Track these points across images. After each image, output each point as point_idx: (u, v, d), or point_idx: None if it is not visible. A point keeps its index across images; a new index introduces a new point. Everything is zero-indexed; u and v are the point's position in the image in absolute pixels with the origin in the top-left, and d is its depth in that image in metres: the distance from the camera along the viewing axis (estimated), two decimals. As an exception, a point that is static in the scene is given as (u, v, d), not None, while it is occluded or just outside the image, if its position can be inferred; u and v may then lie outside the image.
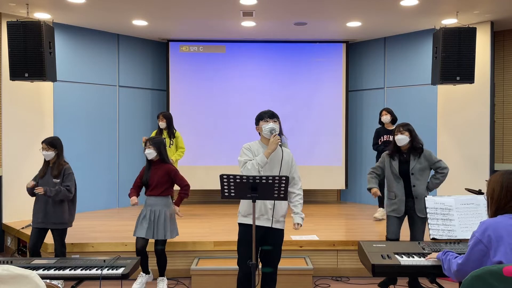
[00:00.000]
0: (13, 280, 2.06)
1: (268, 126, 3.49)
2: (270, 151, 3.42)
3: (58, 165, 4.44)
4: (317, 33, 7.25)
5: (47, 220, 4.40)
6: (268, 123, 3.51)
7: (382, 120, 6.27)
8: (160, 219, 4.38)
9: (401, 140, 4.21)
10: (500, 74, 6.86)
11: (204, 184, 7.58)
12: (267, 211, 3.47)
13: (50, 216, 4.39)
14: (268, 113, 3.59)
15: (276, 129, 3.49)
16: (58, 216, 4.40)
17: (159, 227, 4.37)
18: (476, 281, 2.16)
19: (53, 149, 4.43)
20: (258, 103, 7.20)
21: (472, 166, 6.57)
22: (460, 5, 5.74)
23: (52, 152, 4.43)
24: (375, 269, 2.86)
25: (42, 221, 4.41)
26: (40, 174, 4.48)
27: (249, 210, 3.44)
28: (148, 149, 4.42)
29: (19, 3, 5.64)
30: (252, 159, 3.45)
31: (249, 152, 3.53)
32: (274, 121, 3.54)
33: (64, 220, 4.43)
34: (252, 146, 3.58)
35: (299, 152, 7.41)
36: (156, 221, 4.37)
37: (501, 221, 2.36)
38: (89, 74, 7.06)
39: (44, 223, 4.41)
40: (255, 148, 3.55)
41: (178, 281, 4.84)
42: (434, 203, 3.34)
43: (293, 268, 4.60)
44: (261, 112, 3.63)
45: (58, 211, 4.40)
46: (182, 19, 6.49)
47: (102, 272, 2.98)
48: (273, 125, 3.50)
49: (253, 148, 3.55)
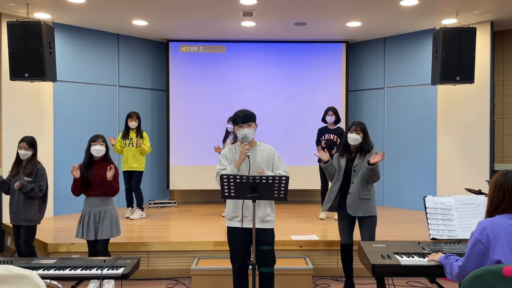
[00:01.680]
0: (13, 280, 2.06)
1: (242, 132, 3.44)
2: (239, 161, 3.40)
3: (32, 164, 4.45)
4: (317, 33, 7.25)
5: (17, 217, 4.46)
6: (241, 129, 3.44)
7: (327, 119, 6.21)
8: (105, 218, 4.28)
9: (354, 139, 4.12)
10: (500, 74, 6.86)
11: (204, 184, 7.58)
12: (249, 212, 3.41)
13: (20, 213, 4.44)
14: (242, 117, 3.46)
15: (249, 136, 3.42)
16: (28, 213, 4.43)
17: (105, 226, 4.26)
18: (476, 281, 2.16)
19: (32, 149, 4.48)
20: (258, 103, 7.20)
21: (472, 166, 6.57)
22: (460, 5, 5.74)
23: (30, 152, 4.46)
24: (375, 269, 2.86)
25: (14, 217, 4.49)
26: (13, 172, 4.50)
27: (233, 213, 3.48)
28: (100, 145, 4.30)
29: (19, 3, 5.64)
30: (226, 167, 3.45)
31: (224, 159, 3.53)
32: (249, 125, 3.44)
33: (33, 217, 4.47)
34: (228, 152, 3.56)
35: (299, 152, 7.43)
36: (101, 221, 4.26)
37: (498, 220, 2.37)
38: (89, 74, 7.06)
39: (15, 219, 4.48)
40: (231, 153, 3.54)
41: (178, 281, 4.83)
42: (434, 203, 3.34)
43: (293, 268, 4.59)
44: (236, 112, 3.51)
45: (28, 208, 4.43)
46: (182, 19, 6.49)
47: (102, 272, 2.98)
48: (246, 131, 3.43)
49: (229, 154, 3.54)
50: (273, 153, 3.54)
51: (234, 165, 3.40)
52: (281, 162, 3.55)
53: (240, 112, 3.50)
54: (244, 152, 3.35)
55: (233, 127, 3.58)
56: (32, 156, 4.49)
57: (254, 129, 3.49)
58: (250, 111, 3.52)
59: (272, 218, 3.54)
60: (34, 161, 4.49)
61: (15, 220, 4.50)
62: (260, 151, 3.54)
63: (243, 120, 3.44)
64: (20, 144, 4.46)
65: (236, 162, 3.41)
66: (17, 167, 4.50)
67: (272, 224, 3.54)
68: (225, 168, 3.46)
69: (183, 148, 7.68)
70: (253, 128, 3.48)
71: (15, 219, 4.49)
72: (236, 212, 3.46)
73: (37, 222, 4.52)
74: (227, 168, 3.42)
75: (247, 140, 3.41)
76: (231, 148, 3.58)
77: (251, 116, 3.48)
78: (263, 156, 3.51)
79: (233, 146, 3.59)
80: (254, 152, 3.50)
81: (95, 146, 4.29)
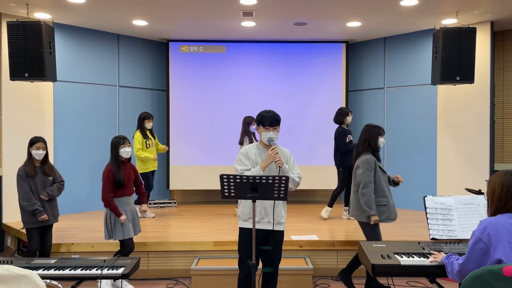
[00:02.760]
0: (13, 280, 2.06)
1: (268, 135, 3.42)
2: (266, 164, 3.38)
3: (49, 163, 4.56)
4: (317, 33, 7.25)
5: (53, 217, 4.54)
6: (267, 132, 3.43)
7: (347, 120, 6.30)
8: (135, 215, 4.52)
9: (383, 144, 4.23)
10: (500, 74, 6.86)
11: (204, 184, 7.58)
12: (267, 214, 3.44)
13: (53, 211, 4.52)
14: (270, 119, 3.43)
15: (274, 139, 3.43)
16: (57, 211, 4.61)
17: (136, 223, 4.51)
18: (476, 281, 2.16)
19: (46, 149, 4.54)
20: (258, 103, 7.19)
21: (472, 166, 6.57)
22: (460, 5, 5.74)
23: (45, 152, 4.51)
24: (375, 269, 2.86)
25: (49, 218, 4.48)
26: (31, 174, 4.43)
27: (249, 215, 3.41)
28: (128, 147, 4.42)
29: (19, 3, 5.64)
30: (249, 167, 3.42)
31: (246, 159, 3.46)
32: (275, 129, 3.44)
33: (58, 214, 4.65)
34: (249, 151, 3.51)
35: (299, 152, 7.41)
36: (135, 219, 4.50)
37: (500, 220, 2.37)
38: (89, 74, 7.06)
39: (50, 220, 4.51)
40: (252, 153, 3.50)
41: (178, 281, 4.84)
42: (434, 203, 3.34)
43: (293, 268, 4.60)
44: (263, 113, 3.48)
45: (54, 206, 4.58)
46: (182, 19, 6.49)
47: (102, 272, 2.98)
48: (272, 134, 3.42)
49: (250, 154, 3.49)
50: (289, 156, 3.59)
51: (260, 166, 3.38)
52: (295, 165, 3.60)
53: (268, 113, 3.46)
54: (273, 156, 3.33)
55: (256, 127, 3.54)
56: (46, 156, 4.54)
57: (279, 132, 3.49)
58: (276, 113, 3.49)
59: (285, 221, 3.57)
60: (48, 160, 4.58)
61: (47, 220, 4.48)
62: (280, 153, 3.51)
63: (271, 123, 3.42)
64: (36, 145, 4.43)
65: (262, 164, 3.38)
66: (34, 168, 4.46)
67: (284, 226, 3.58)
68: (248, 168, 3.42)
69: (183, 148, 7.68)
70: (279, 131, 3.48)
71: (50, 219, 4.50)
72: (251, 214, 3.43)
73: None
74: (252, 170, 3.38)
75: (273, 143, 3.40)
76: (254, 148, 3.53)
77: (278, 119, 3.47)
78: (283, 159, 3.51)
79: (254, 147, 3.55)
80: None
81: (124, 148, 4.39)
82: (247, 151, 3.51)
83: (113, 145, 4.39)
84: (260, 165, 3.38)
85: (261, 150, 3.51)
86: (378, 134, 4.16)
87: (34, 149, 4.42)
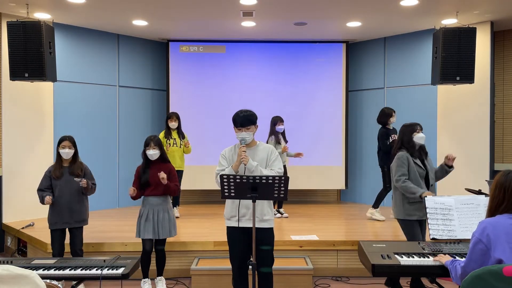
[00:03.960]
0: (13, 280, 2.06)
1: (240, 135, 3.45)
2: (237, 163, 3.40)
3: (79, 164, 4.44)
4: (317, 33, 7.25)
5: (71, 219, 4.38)
6: (240, 132, 3.45)
7: (391, 121, 6.20)
8: (164, 218, 4.37)
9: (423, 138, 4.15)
10: (500, 74, 6.86)
11: (204, 184, 7.58)
12: (248, 212, 3.43)
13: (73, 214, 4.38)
14: (241, 119, 3.45)
15: (247, 139, 3.43)
16: (82, 214, 4.45)
17: (164, 226, 4.37)
18: (476, 281, 2.16)
19: (74, 148, 4.42)
20: (258, 103, 7.20)
21: (472, 166, 6.57)
22: (460, 5, 5.74)
23: (73, 150, 4.39)
24: (375, 269, 2.86)
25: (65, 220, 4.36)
26: (57, 174, 4.36)
27: (231, 213, 3.48)
28: (153, 150, 4.34)
29: (19, 3, 5.64)
30: (225, 168, 3.47)
31: (223, 160, 3.55)
32: (247, 129, 3.43)
33: (86, 216, 4.51)
34: (227, 152, 3.59)
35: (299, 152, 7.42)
36: (161, 221, 4.36)
37: (499, 220, 2.38)
38: (89, 74, 7.06)
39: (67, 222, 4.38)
40: (230, 154, 3.56)
41: (178, 281, 4.83)
42: (434, 203, 3.34)
43: (293, 268, 4.59)
44: (237, 113, 3.50)
45: (81, 208, 4.44)
46: (182, 19, 6.49)
47: (102, 272, 2.98)
48: (244, 134, 3.42)
49: (227, 155, 3.56)
50: (271, 151, 3.55)
51: (232, 167, 3.43)
52: (277, 160, 3.52)
53: (240, 113, 3.48)
54: (241, 154, 3.35)
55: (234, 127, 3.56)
56: (75, 155, 4.44)
57: (253, 131, 3.49)
58: (250, 111, 3.50)
59: (271, 217, 3.52)
60: (78, 160, 4.46)
61: (66, 223, 4.37)
62: (259, 150, 3.55)
63: (242, 123, 3.44)
64: (62, 144, 4.35)
65: (234, 164, 3.42)
66: (60, 168, 4.38)
67: (271, 223, 3.53)
68: (223, 169, 3.48)
69: (183, 148, 7.67)
70: (252, 131, 3.47)
71: (67, 222, 4.36)
72: (234, 212, 3.47)
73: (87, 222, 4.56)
74: (226, 170, 3.44)
75: (245, 143, 3.42)
76: (231, 149, 3.60)
77: (251, 119, 3.46)
78: (261, 156, 3.52)
79: (233, 147, 3.61)
80: (254, 152, 3.52)
81: (148, 151, 4.35)
82: (225, 152, 3.60)
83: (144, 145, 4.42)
84: (232, 165, 3.43)
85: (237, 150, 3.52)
86: (411, 132, 4.15)
87: (61, 148, 4.35)
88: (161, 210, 4.37)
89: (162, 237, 4.38)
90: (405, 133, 4.18)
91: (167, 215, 4.39)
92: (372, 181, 7.69)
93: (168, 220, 4.39)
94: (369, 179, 7.74)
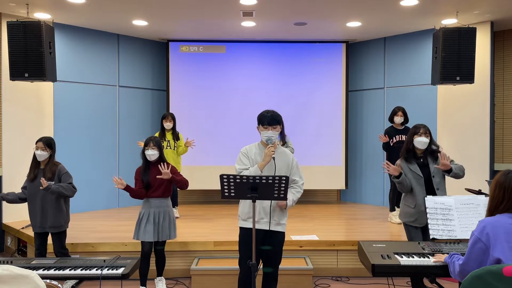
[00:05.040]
0: (13, 280, 2.06)
1: (266, 134, 3.41)
2: (264, 163, 3.35)
3: (51, 166, 4.27)
4: (317, 33, 7.25)
5: (45, 224, 4.26)
6: (266, 131, 3.42)
7: (395, 120, 6.11)
8: (165, 220, 4.33)
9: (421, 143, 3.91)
10: (500, 74, 6.86)
11: (204, 184, 7.58)
12: (266, 214, 3.44)
13: (48, 220, 4.25)
14: (268, 118, 3.42)
15: (273, 139, 3.40)
16: (56, 220, 4.26)
17: (164, 228, 4.32)
18: (476, 281, 2.16)
19: (49, 150, 4.28)
20: (258, 103, 7.19)
21: (472, 166, 6.56)
22: (460, 5, 5.74)
23: (47, 153, 4.26)
24: (375, 269, 2.86)
25: (40, 225, 4.27)
26: (30, 177, 4.27)
27: (249, 214, 3.42)
28: (152, 150, 4.29)
29: (19, 3, 5.64)
30: (248, 166, 3.42)
31: (245, 158, 3.47)
32: (274, 128, 3.42)
33: (61, 223, 4.30)
34: (249, 150, 3.51)
35: (299, 152, 7.39)
36: (161, 223, 4.31)
37: (499, 219, 2.38)
38: (89, 74, 7.06)
39: (42, 227, 4.28)
40: (252, 152, 3.49)
41: (178, 281, 4.84)
42: (434, 203, 3.34)
43: (293, 268, 4.60)
44: (263, 113, 3.48)
45: (56, 214, 4.26)
46: (182, 19, 6.49)
47: (102, 272, 2.98)
48: (271, 133, 3.40)
49: (250, 153, 3.49)
50: (291, 159, 3.55)
51: (258, 166, 3.36)
52: (298, 169, 3.57)
53: (267, 113, 3.45)
54: (270, 154, 3.31)
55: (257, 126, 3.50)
56: (50, 158, 4.30)
57: (279, 132, 3.46)
58: (277, 112, 3.48)
59: (285, 222, 3.55)
60: (53, 162, 4.30)
61: (41, 227, 4.27)
62: (281, 153, 3.52)
63: (269, 122, 3.41)
64: (36, 144, 4.25)
65: (260, 164, 3.36)
66: (35, 170, 4.28)
67: (284, 228, 3.55)
68: (247, 167, 3.41)
69: (183, 148, 7.67)
70: (278, 131, 3.45)
71: (42, 226, 4.26)
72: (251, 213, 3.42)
73: (66, 227, 4.38)
74: (250, 169, 3.38)
75: (271, 142, 3.38)
76: (252, 148, 3.53)
77: (278, 119, 3.44)
78: (284, 160, 3.50)
79: (256, 145, 3.54)
80: (278, 154, 3.48)
81: (147, 151, 4.30)
82: (247, 150, 3.52)
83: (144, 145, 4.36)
84: (258, 164, 3.37)
85: (261, 149, 3.50)
86: (412, 134, 3.95)
87: (35, 149, 4.28)
88: (161, 212, 4.33)
89: (162, 239, 4.34)
90: (409, 135, 4.05)
91: (167, 217, 4.36)
92: (372, 181, 7.70)
93: (169, 222, 4.36)
94: (369, 179, 7.74)
